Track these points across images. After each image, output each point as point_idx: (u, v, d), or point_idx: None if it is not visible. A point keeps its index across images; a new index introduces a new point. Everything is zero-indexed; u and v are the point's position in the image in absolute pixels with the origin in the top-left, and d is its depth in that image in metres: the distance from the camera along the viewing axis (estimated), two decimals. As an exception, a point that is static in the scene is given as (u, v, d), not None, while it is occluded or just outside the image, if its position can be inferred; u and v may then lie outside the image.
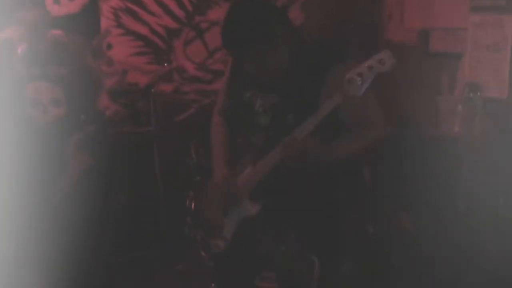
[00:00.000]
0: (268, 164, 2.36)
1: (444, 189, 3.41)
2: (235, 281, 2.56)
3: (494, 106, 3.63)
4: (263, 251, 2.47)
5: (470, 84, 3.75)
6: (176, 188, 3.83)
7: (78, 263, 3.30)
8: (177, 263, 3.65)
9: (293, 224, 2.43)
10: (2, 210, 2.95)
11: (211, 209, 2.52)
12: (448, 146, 3.59)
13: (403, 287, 3.26)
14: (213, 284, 2.96)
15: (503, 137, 3.46)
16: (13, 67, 3.11)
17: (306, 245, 2.39)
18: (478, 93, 3.68)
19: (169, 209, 3.91)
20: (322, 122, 2.23)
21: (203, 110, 3.65)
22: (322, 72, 2.29)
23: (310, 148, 2.24)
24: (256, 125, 2.45)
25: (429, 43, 4.12)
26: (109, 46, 4.01)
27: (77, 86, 3.18)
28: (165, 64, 4.14)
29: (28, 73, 3.10)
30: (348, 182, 2.47)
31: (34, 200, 3.01)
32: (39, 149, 3.03)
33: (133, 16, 4.04)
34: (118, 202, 3.75)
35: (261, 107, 2.42)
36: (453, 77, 3.90)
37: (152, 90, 3.98)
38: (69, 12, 3.82)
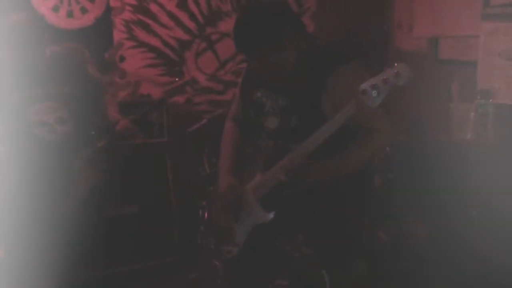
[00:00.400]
0: (272, 180, 2.38)
1: (456, 196, 3.40)
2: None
3: (506, 112, 3.62)
4: (276, 258, 2.48)
5: (482, 91, 3.74)
6: (189, 198, 3.84)
7: (89, 273, 3.34)
8: (190, 272, 3.66)
9: (304, 229, 2.43)
10: (14, 226, 2.98)
11: (220, 215, 2.54)
12: (460, 153, 3.58)
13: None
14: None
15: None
16: (16, 90, 3.11)
17: (317, 250, 2.39)
18: (490, 100, 3.68)
19: (182, 218, 3.93)
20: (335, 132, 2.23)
21: (215, 120, 3.66)
22: (323, 74, 2.30)
23: (311, 173, 2.27)
24: (266, 128, 2.47)
25: (438, 51, 4.13)
26: (122, 59, 4.04)
27: (81, 101, 3.19)
28: (176, 79, 4.16)
29: (31, 95, 3.11)
30: (356, 188, 2.47)
31: (45, 216, 3.04)
32: (48, 167, 3.06)
33: (145, 29, 4.07)
34: (131, 212, 3.78)
35: (270, 108, 2.45)
36: (463, 84, 3.90)
37: (165, 101, 4.02)
38: (82, 25, 3.85)
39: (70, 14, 3.81)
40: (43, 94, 3.11)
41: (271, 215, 2.40)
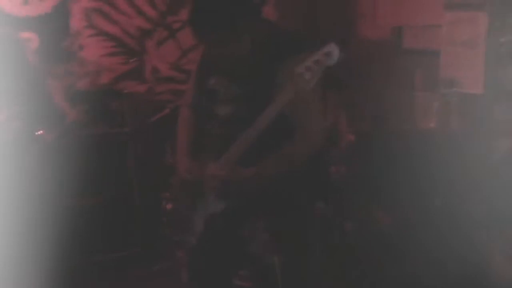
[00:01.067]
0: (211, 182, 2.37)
1: (421, 185, 3.42)
2: (212, 279, 2.55)
3: (469, 101, 3.64)
4: (239, 246, 2.46)
5: (446, 80, 3.76)
6: (152, 189, 3.80)
7: (50, 266, 3.28)
8: (154, 263, 3.63)
9: (261, 217, 2.42)
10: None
11: (178, 203, 2.53)
12: (424, 142, 3.60)
13: (377, 282, 3.27)
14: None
15: (479, 132, 3.49)
16: None
17: (274, 237, 2.38)
18: (454, 89, 3.70)
19: (145, 209, 3.88)
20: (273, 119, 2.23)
21: (178, 110, 3.63)
22: (275, 64, 2.28)
23: (235, 183, 2.28)
24: (219, 116, 2.44)
25: (402, 40, 4.14)
26: (81, 47, 3.96)
27: (27, 95, 3.12)
28: (131, 60, 4.08)
29: None
30: (309, 177, 2.46)
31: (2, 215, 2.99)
32: (3, 166, 3.00)
33: (104, 17, 4.00)
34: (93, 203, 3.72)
35: (223, 95, 2.41)
36: (427, 73, 3.92)
37: (125, 91, 3.96)
38: (39, 12, 3.76)
39: (25, 1, 3.70)
40: None
41: (223, 205, 2.38)
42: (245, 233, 2.41)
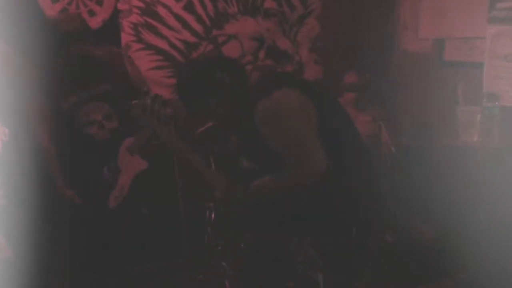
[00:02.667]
0: None
1: (463, 198, 3.41)
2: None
3: (512, 115, 3.64)
4: (285, 260, 2.50)
5: (488, 93, 3.76)
6: (196, 199, 3.86)
7: (94, 273, 3.37)
8: (198, 273, 3.67)
9: (307, 234, 2.46)
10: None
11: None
12: (467, 155, 3.60)
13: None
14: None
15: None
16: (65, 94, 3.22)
17: (322, 253, 2.42)
18: (497, 103, 3.69)
19: (189, 219, 3.94)
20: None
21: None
22: (251, 113, 2.37)
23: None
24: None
25: (444, 52, 4.14)
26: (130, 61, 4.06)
27: (122, 96, 3.26)
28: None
29: (76, 98, 3.21)
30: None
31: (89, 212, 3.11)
32: (98, 163, 3.14)
33: (152, 31, 4.10)
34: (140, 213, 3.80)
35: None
36: (469, 86, 3.91)
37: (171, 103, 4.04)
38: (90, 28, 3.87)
39: (77, 18, 3.82)
40: (86, 95, 3.20)
41: None
42: (291, 249, 2.45)
